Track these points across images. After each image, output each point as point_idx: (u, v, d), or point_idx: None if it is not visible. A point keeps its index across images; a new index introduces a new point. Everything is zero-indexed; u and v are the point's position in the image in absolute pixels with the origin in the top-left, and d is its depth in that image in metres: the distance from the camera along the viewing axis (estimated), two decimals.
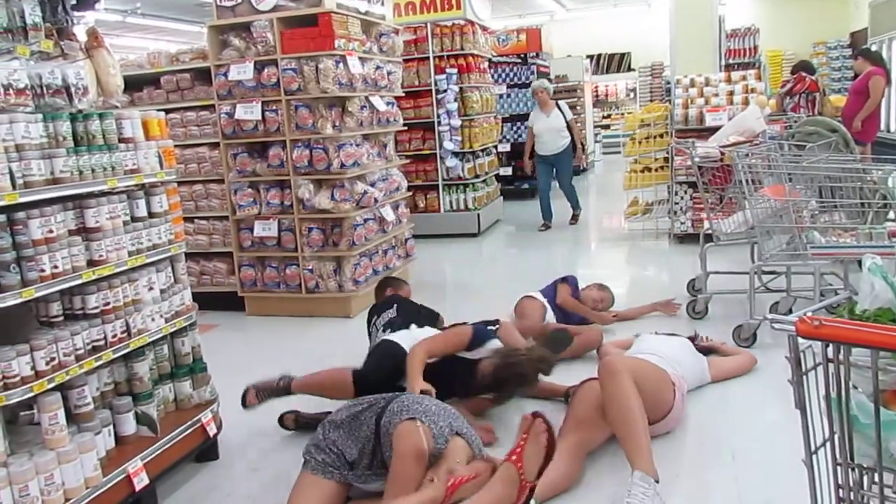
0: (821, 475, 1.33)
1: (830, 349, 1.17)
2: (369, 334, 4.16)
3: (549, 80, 14.25)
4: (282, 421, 3.54)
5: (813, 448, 1.31)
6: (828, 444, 1.29)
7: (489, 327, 3.58)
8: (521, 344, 3.56)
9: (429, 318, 4.07)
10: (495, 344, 3.51)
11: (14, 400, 2.40)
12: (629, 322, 4.82)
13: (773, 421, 3.29)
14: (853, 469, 1.25)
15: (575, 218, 9.14)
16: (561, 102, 8.97)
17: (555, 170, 8.97)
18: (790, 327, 1.13)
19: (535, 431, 2.28)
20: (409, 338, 3.67)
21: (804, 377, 1.25)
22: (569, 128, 8.80)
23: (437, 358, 3.37)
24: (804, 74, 8.44)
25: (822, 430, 1.32)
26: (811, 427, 1.30)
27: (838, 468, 1.27)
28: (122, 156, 2.91)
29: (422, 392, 2.99)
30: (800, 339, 1.18)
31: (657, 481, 2.67)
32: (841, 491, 1.28)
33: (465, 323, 3.62)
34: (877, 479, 1.21)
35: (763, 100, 7.03)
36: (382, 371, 3.41)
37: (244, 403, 3.47)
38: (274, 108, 5.45)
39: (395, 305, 4.15)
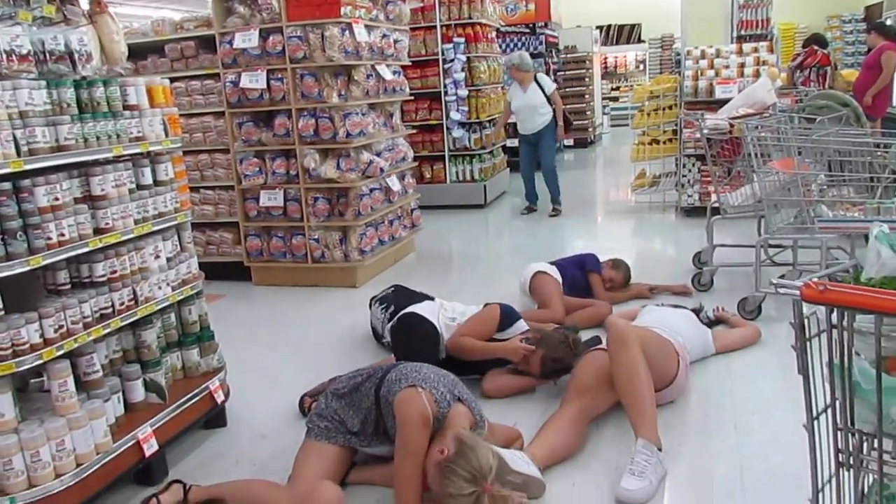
0: (821, 440, 1.34)
1: (835, 315, 1.17)
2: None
3: (556, 50, 14.16)
4: (301, 403, 3.49)
5: (814, 414, 1.32)
6: (829, 410, 1.30)
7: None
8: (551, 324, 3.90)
9: (422, 300, 4.13)
10: (523, 324, 3.65)
11: (24, 367, 2.42)
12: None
13: (776, 392, 3.31)
14: (853, 434, 1.26)
15: (556, 211, 8.09)
16: (540, 75, 8.12)
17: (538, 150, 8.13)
18: (795, 292, 1.13)
19: None
20: (435, 308, 3.81)
21: (808, 343, 1.25)
22: (550, 101, 7.93)
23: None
24: (816, 48, 8.35)
25: (824, 397, 1.33)
26: (813, 393, 1.30)
27: (839, 433, 1.28)
28: (127, 123, 2.90)
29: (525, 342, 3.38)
30: (804, 305, 1.18)
31: (660, 449, 2.70)
32: (840, 455, 1.29)
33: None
34: (876, 444, 1.22)
35: (774, 72, 6.95)
36: (433, 354, 3.54)
37: (304, 412, 3.43)
38: (279, 76, 5.43)
39: (393, 288, 4.33)
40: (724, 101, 6.19)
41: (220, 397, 3.34)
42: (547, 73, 12.07)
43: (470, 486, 2.33)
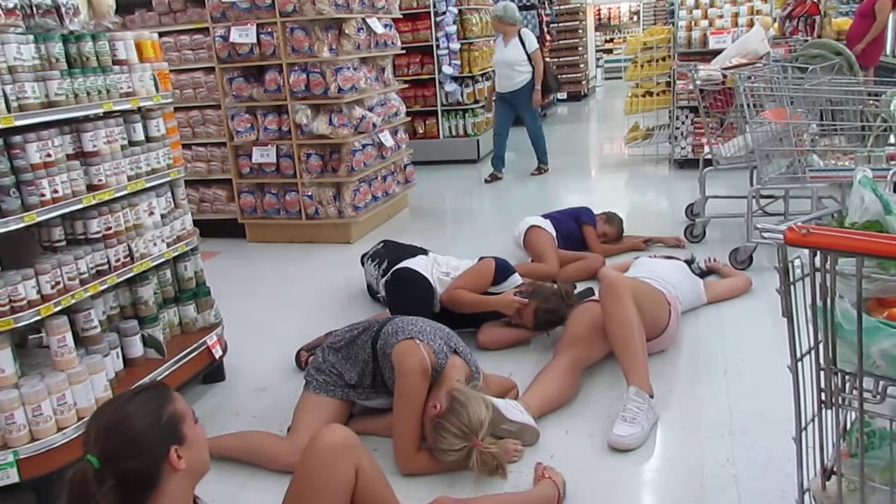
0: (805, 381, 1.38)
1: (818, 258, 1.20)
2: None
3: (549, 1, 13.94)
4: (298, 358, 3.53)
5: (798, 355, 1.36)
6: (812, 352, 1.33)
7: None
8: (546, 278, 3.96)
9: (414, 253, 4.13)
10: (517, 278, 3.67)
11: (22, 323, 2.45)
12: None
13: (766, 339, 3.36)
14: (836, 374, 1.30)
15: (539, 170, 7.89)
16: (525, 30, 7.49)
17: (517, 111, 7.71)
18: (779, 236, 1.15)
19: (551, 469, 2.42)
20: (428, 263, 3.81)
21: (792, 287, 1.28)
22: (531, 61, 7.40)
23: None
24: None
25: (808, 339, 1.36)
26: (797, 335, 1.34)
27: (822, 373, 1.31)
28: (117, 78, 2.88)
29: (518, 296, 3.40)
30: (788, 249, 1.21)
31: (652, 396, 2.76)
32: (823, 395, 1.33)
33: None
34: (857, 383, 1.26)
35: (768, 21, 6.89)
36: (427, 308, 3.58)
37: (300, 366, 3.47)
38: (269, 30, 5.36)
39: (383, 243, 4.35)
40: (717, 52, 6.15)
41: (217, 352, 3.38)
42: (540, 25, 11.94)
43: (461, 442, 2.41)
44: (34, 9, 2.60)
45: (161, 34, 4.52)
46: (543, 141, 7.84)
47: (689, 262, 4.07)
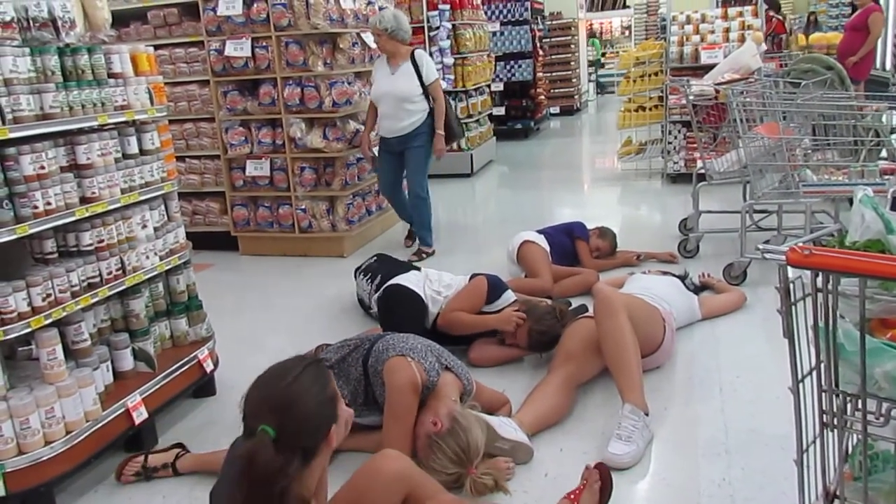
0: (806, 402, 1.37)
1: (820, 279, 1.19)
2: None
3: (542, 16, 13.99)
4: None
5: (800, 376, 1.35)
6: (814, 373, 1.32)
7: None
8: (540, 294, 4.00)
9: (407, 268, 4.11)
10: (510, 295, 3.65)
11: (12, 335, 2.43)
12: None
13: (760, 355, 3.36)
14: (838, 396, 1.29)
15: (420, 254, 5.49)
16: (419, 52, 5.27)
17: (404, 163, 5.48)
18: (781, 257, 1.15)
19: (592, 480, 2.36)
20: (420, 279, 3.78)
21: (793, 307, 1.27)
22: (427, 95, 5.26)
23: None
24: (772, 14, 8.29)
25: (809, 359, 1.35)
26: (798, 356, 1.33)
27: (823, 395, 1.30)
28: (112, 91, 2.87)
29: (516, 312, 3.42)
30: (790, 269, 1.20)
31: (647, 414, 2.74)
32: (825, 417, 1.32)
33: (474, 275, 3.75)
34: (860, 405, 1.25)
35: (759, 36, 6.95)
36: (419, 325, 3.54)
37: None
38: (264, 44, 5.37)
39: (376, 257, 4.33)
40: (709, 67, 6.19)
41: (209, 366, 3.36)
42: (533, 40, 11.95)
43: (454, 467, 2.39)
44: (30, 22, 2.59)
45: (156, 47, 4.48)
46: (428, 214, 5.58)
47: (683, 278, 4.06)
